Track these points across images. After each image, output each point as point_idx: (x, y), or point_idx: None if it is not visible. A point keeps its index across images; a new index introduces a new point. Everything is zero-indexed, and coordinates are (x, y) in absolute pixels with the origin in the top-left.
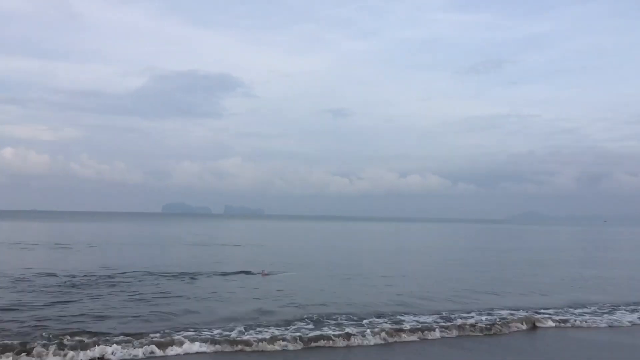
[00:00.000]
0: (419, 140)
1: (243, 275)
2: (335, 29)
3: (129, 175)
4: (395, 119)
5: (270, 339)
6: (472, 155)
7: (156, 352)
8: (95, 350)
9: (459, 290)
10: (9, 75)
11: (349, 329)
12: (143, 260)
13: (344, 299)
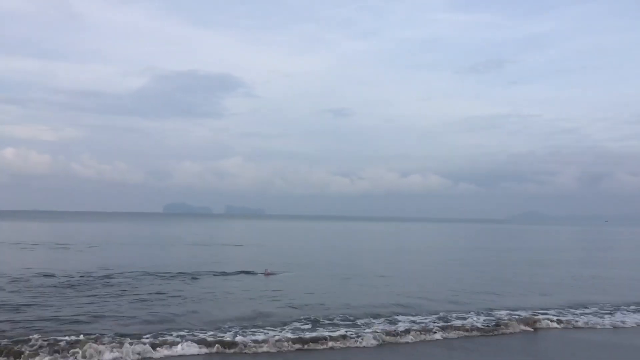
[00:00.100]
0: (420, 140)
1: (244, 275)
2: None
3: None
4: (395, 118)
5: (265, 340)
6: (473, 155)
7: (148, 354)
8: (87, 352)
9: (459, 290)
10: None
11: (346, 330)
12: (142, 260)
13: (343, 299)
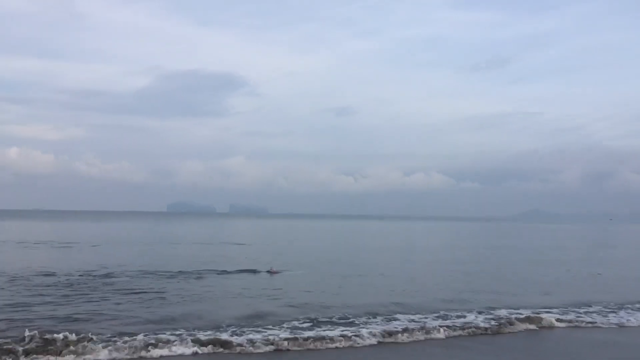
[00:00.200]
0: (423, 138)
1: (246, 274)
2: (338, 28)
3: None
4: (398, 117)
5: (261, 340)
6: (476, 153)
7: (143, 353)
8: (80, 351)
9: (461, 289)
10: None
11: (345, 329)
12: (144, 259)
13: (343, 298)
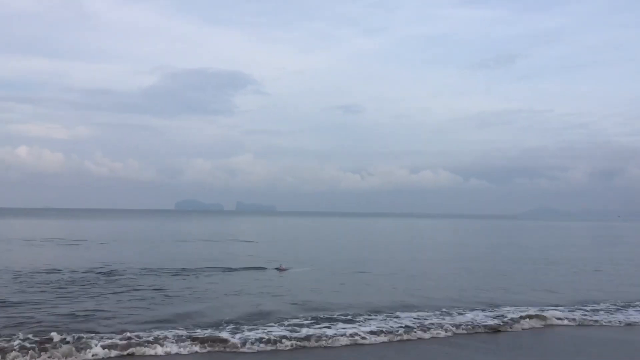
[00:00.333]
0: (430, 136)
1: (253, 272)
2: (345, 26)
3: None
4: (405, 114)
5: (259, 338)
6: (484, 150)
7: (141, 352)
8: (76, 349)
9: (466, 286)
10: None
11: (347, 327)
12: (151, 257)
13: (346, 295)
